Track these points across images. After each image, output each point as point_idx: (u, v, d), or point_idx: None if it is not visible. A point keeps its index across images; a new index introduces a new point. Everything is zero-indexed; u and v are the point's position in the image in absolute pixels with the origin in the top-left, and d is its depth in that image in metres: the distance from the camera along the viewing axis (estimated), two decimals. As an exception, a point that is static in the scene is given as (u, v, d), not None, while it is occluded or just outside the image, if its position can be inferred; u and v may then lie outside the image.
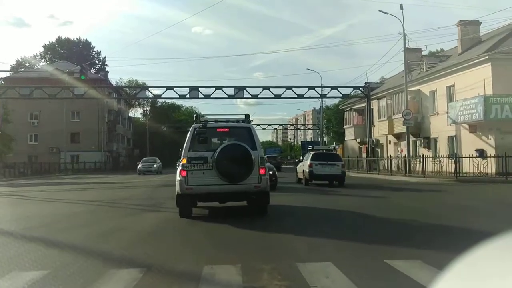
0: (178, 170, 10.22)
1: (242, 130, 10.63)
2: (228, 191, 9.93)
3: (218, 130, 10.77)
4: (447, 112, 32.63)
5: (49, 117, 61.01)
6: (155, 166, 45.72)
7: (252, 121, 10.97)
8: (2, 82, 41.61)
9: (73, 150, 61.89)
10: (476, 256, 1.13)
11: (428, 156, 29.42)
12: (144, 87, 35.58)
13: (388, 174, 31.48)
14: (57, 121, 60.50)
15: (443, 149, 33.44)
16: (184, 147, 10.10)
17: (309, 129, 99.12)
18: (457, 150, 30.52)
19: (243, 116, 11.07)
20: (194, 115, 11.36)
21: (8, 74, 58.17)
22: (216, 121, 11.02)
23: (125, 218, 10.47)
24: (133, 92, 39.26)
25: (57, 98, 37.87)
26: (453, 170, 26.10)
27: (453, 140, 32.89)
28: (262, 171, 10.01)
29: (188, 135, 10.39)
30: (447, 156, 28.99)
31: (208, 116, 11.25)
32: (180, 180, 9.91)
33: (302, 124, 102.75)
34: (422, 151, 34.86)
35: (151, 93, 37.89)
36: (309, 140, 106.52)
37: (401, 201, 14.71)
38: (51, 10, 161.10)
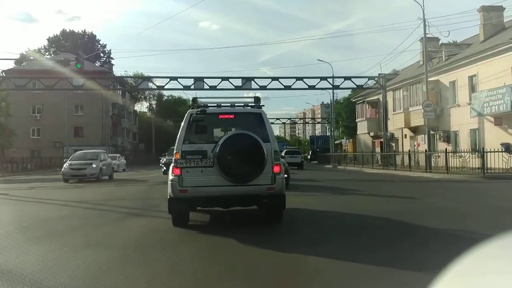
0: (171, 167, 8.25)
1: (252, 117, 8.56)
2: (233, 194, 7.91)
3: (221, 116, 8.63)
4: (470, 104, 30.48)
5: (52, 110, 59.64)
6: (93, 165, 25.69)
7: (263, 106, 8.94)
8: (4, 74, 39.84)
9: (76, 144, 60.22)
10: (476, 255, 1.13)
11: (453, 151, 27.25)
12: (147, 78, 33.63)
13: (407, 170, 29.36)
14: (60, 114, 59.16)
15: (464, 143, 31.28)
16: (177, 138, 8.15)
17: (318, 123, 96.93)
18: (480, 144, 28.36)
19: (252, 100, 9.06)
20: (191, 99, 9.36)
21: (12, 66, 57.24)
22: (219, 105, 9.04)
23: (105, 227, 8.46)
24: (136, 83, 37.22)
25: (54, 89, 35.99)
26: (477, 166, 24.01)
27: (475, 134, 30.71)
28: (276, 169, 7.98)
29: (182, 123, 8.41)
30: (471, 150, 26.89)
31: (209, 100, 9.26)
32: (172, 180, 7.92)
33: (311, 118, 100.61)
34: (441, 145, 32.78)
35: (154, 84, 35.95)
36: (318, 134, 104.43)
37: (441, 203, 12.27)
38: (59, 5, 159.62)
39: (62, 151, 59.03)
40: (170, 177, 8.00)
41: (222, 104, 9.02)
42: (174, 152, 8.09)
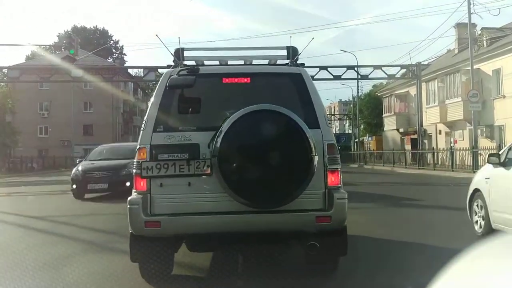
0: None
1: (285, 81, 4.75)
2: (252, 231, 4.29)
3: (227, 80, 4.73)
4: (520, 93, 26.64)
5: (60, 108, 57.32)
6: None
7: (303, 64, 5.24)
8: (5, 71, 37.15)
9: (86, 143, 57.66)
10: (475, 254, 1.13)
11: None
12: (153, 68, 30.32)
13: (448, 170, 25.62)
14: (69, 112, 57.02)
15: (511, 139, 27.43)
16: (143, 123, 4.56)
17: (339, 119, 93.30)
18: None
19: (284, 52, 5.22)
20: (174, 51, 5.12)
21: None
22: (223, 62, 5.49)
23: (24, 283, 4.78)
24: (144, 74, 34.01)
25: (50, 81, 33.31)
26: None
27: (525, 128, 26.90)
28: (333, 180, 4.33)
29: (153, 96, 4.82)
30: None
31: (204, 53, 5.64)
32: (132, 203, 4.28)
33: (331, 114, 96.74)
34: (484, 141, 28.92)
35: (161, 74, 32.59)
36: (337, 132, 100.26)
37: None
38: (72, 5, 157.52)
39: (70, 150, 56.72)
40: (132, 195, 4.40)
41: (229, 61, 5.46)
42: (137, 147, 4.45)
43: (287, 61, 5.29)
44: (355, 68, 31.09)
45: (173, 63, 5.15)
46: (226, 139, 4.12)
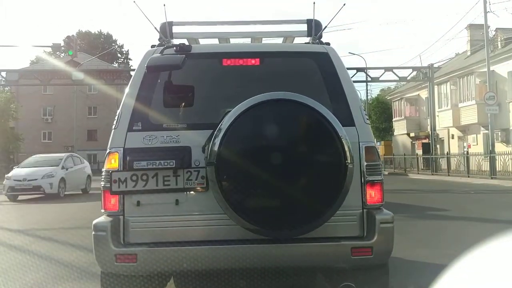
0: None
1: (305, 63, 3.67)
2: (263, 266, 3.16)
3: (227, 62, 3.58)
4: (538, 96, 25.51)
5: (64, 113, 56.86)
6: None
7: (329, 43, 3.83)
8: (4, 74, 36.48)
9: (90, 148, 56.98)
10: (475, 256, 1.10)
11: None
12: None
13: (463, 176, 24.49)
14: (73, 117, 56.56)
15: (528, 143, 26.33)
16: (116, 118, 3.55)
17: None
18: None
19: (305, 26, 4.08)
20: (160, 26, 3.97)
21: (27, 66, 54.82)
22: (223, 39, 4.40)
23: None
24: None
25: (50, 85, 32.77)
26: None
27: (544, 132, 25.76)
28: (373, 196, 3.24)
29: (129, 83, 3.59)
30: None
31: (199, 29, 4.32)
32: (98, 228, 3.19)
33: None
34: (499, 146, 27.77)
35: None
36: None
37: None
38: (75, 9, 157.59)
39: (74, 155, 56.15)
40: (98, 219, 3.33)
41: (232, 40, 4.39)
42: (107, 152, 3.43)
43: (307, 40, 4.20)
44: (365, 70, 29.92)
45: (158, 42, 3.97)
46: (227, 141, 3.04)
